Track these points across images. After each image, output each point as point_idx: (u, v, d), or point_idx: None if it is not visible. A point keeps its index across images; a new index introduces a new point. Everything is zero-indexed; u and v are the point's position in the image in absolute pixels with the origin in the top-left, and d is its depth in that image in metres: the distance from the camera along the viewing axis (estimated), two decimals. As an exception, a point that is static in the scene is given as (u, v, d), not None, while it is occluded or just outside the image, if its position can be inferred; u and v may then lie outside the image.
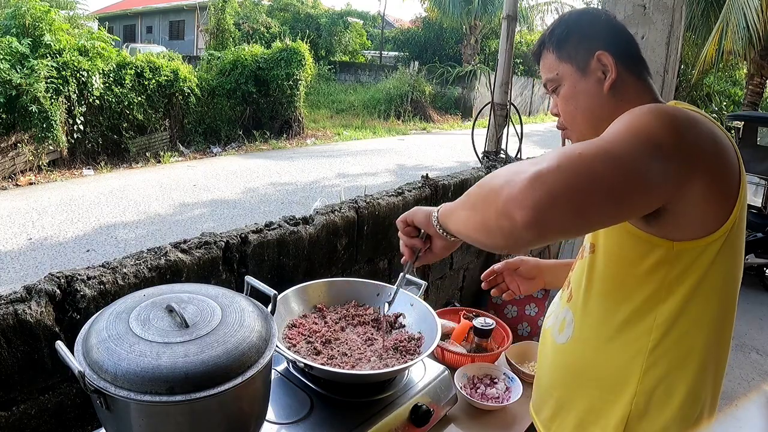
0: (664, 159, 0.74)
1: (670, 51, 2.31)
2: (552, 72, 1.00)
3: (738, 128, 6.12)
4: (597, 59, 0.94)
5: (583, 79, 0.96)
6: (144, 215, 6.59)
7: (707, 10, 10.62)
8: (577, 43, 0.97)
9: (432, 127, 15.77)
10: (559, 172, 0.68)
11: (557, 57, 0.99)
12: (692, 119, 0.80)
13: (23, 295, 1.09)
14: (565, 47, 0.98)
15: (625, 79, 0.94)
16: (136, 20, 25.83)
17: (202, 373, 0.84)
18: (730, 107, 14.00)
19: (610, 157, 0.71)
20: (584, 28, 0.98)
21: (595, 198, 0.70)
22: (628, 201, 0.73)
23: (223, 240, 1.44)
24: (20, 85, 7.53)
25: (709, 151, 0.79)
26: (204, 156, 10.48)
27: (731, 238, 0.84)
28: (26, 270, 4.90)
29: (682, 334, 0.88)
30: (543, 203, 0.67)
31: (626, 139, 0.74)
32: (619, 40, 0.97)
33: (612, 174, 0.70)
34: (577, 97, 0.97)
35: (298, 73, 11.69)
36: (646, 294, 0.88)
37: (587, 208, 0.70)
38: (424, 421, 1.22)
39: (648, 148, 0.73)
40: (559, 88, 1.00)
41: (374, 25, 25.47)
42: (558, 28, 1.00)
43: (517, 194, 0.68)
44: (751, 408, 0.68)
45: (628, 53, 0.96)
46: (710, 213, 0.82)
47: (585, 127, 0.99)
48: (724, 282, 0.88)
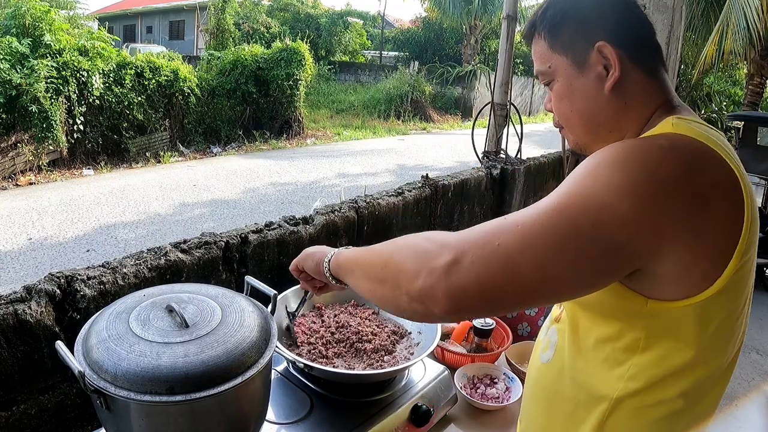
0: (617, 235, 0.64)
1: (670, 51, 2.32)
2: (544, 64, 0.85)
3: (738, 128, 6.12)
4: (597, 51, 0.78)
5: (581, 75, 0.81)
6: (144, 215, 6.58)
7: (707, 10, 10.62)
8: (573, 30, 0.80)
9: (432, 127, 15.77)
10: (473, 267, 0.65)
11: (550, 46, 0.83)
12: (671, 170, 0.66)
13: (23, 295, 1.09)
14: (559, 35, 0.82)
15: (631, 76, 0.79)
16: (136, 20, 25.82)
17: (202, 373, 0.84)
18: (730, 107, 14.00)
19: (533, 253, 0.64)
20: (583, 11, 0.81)
21: (510, 297, 0.66)
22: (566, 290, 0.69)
23: (223, 240, 1.44)
24: (20, 85, 7.53)
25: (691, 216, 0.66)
26: (204, 156, 10.48)
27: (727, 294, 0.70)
28: (26, 270, 4.90)
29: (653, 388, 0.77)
30: (456, 300, 0.66)
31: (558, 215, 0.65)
32: (628, 25, 0.80)
33: (533, 275, 0.64)
34: (572, 96, 0.83)
35: (298, 73, 11.69)
36: (622, 340, 0.78)
37: (504, 305, 0.69)
38: (424, 421, 1.22)
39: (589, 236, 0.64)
40: (553, 82, 0.85)
41: (374, 25, 25.48)
42: (551, 9, 0.84)
43: (430, 289, 0.67)
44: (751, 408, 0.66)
45: (638, 42, 0.80)
46: (692, 276, 0.69)
47: (581, 130, 0.86)
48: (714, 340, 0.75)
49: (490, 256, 0.65)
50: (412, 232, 1.75)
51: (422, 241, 0.73)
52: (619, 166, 0.66)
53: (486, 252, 0.65)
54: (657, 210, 0.65)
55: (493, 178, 2.76)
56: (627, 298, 0.74)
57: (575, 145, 0.90)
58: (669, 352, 0.75)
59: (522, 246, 0.65)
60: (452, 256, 0.66)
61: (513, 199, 2.93)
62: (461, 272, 0.65)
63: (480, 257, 0.65)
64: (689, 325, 0.72)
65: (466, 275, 0.65)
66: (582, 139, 0.88)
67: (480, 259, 0.65)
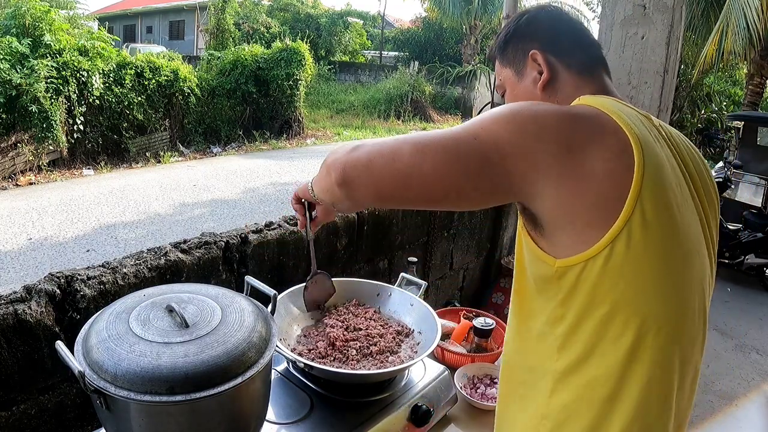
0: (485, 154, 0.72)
1: (670, 51, 2.31)
2: (498, 78, 1.00)
3: (738, 128, 6.13)
4: (531, 59, 0.92)
5: (520, 81, 0.95)
6: (144, 215, 6.58)
7: (707, 10, 10.62)
8: (514, 46, 0.95)
9: (432, 127, 15.76)
10: (365, 148, 0.79)
11: (500, 63, 0.99)
12: (541, 109, 0.75)
13: (23, 295, 1.09)
14: (505, 52, 0.97)
15: (562, 76, 0.90)
16: (136, 20, 25.82)
17: (202, 373, 0.84)
18: (730, 107, 13.99)
19: (416, 144, 0.75)
20: (520, 30, 0.95)
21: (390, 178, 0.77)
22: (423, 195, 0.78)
23: (223, 240, 1.44)
24: (20, 85, 7.53)
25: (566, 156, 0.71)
26: (204, 156, 10.48)
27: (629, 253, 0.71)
28: (26, 270, 4.90)
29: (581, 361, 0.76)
30: (349, 168, 0.80)
31: (451, 131, 0.76)
32: (559, 36, 0.93)
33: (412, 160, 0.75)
34: (516, 100, 0.95)
35: (298, 73, 11.69)
36: (545, 312, 0.80)
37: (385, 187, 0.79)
38: (424, 421, 1.22)
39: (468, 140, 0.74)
40: (505, 92, 0.99)
41: (374, 25, 25.47)
42: (501, 33, 0.99)
43: (340, 158, 0.82)
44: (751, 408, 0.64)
45: (571, 50, 0.92)
46: (582, 224, 0.72)
47: None
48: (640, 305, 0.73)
49: (384, 143, 0.79)
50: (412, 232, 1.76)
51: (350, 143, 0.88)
52: (512, 107, 0.77)
53: (382, 142, 0.80)
54: (531, 141, 0.72)
55: (493, 178, 2.76)
56: (541, 260, 0.79)
57: None
58: (584, 315, 0.75)
59: (411, 139, 0.77)
60: (359, 143, 0.82)
61: (513, 199, 2.93)
62: (358, 151, 0.80)
63: (376, 143, 0.80)
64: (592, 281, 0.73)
65: (360, 154, 0.79)
66: None
67: (376, 145, 0.79)
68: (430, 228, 2.30)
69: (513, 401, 0.91)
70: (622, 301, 0.73)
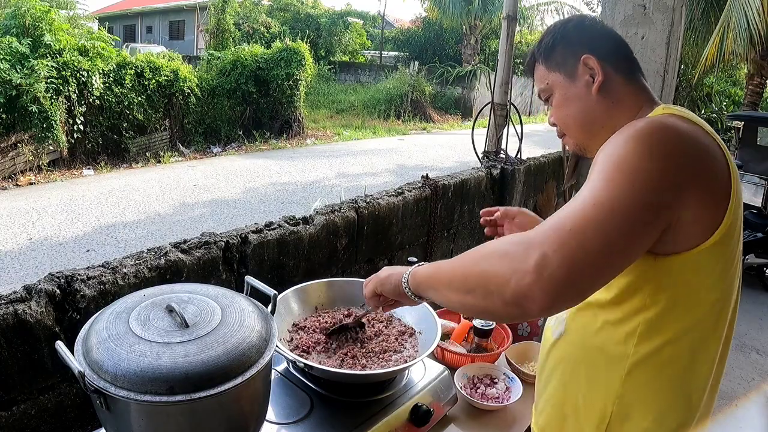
0: (654, 194, 0.76)
1: (670, 51, 2.32)
2: (543, 82, 1.03)
3: (738, 128, 6.12)
4: (583, 63, 0.95)
5: (572, 84, 0.98)
6: (144, 215, 6.58)
7: (707, 10, 10.62)
8: (563, 50, 0.99)
9: (432, 127, 15.76)
10: (559, 258, 0.70)
11: (546, 67, 1.01)
12: (674, 136, 0.80)
13: (23, 295, 1.09)
14: (552, 56, 1.00)
15: (613, 80, 0.95)
16: (136, 20, 25.82)
17: (202, 373, 0.84)
18: (730, 107, 13.99)
19: (600, 225, 0.73)
20: (569, 35, 0.99)
21: (598, 270, 0.73)
22: (630, 254, 0.77)
23: (223, 240, 1.44)
24: (20, 85, 7.53)
25: (697, 167, 0.80)
26: (204, 156, 10.48)
27: (721, 247, 0.83)
28: (26, 270, 4.90)
29: (665, 343, 0.87)
30: (554, 293, 0.70)
31: (610, 193, 0.75)
32: (606, 42, 0.98)
33: (606, 242, 0.72)
34: (568, 103, 0.99)
35: (298, 73, 11.69)
36: (630, 300, 0.88)
37: (595, 281, 0.74)
38: (424, 421, 1.22)
39: (634, 194, 0.75)
40: (552, 97, 1.02)
41: (374, 25, 25.46)
42: (545, 38, 1.02)
43: (526, 289, 0.71)
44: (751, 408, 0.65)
45: (616, 54, 0.97)
46: (699, 225, 0.81)
47: (579, 132, 1.01)
48: (713, 291, 0.87)
49: (566, 241, 0.72)
50: (412, 232, 1.76)
51: (503, 245, 0.78)
52: (634, 139, 0.80)
53: (562, 239, 0.72)
54: (674, 164, 0.78)
55: (493, 178, 2.76)
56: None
57: (576, 148, 1.05)
58: (675, 304, 0.85)
59: (586, 223, 0.73)
60: (539, 253, 0.71)
61: (513, 199, 2.93)
62: (549, 265, 0.70)
63: (559, 245, 0.71)
64: (690, 274, 0.83)
65: (553, 266, 0.70)
66: (580, 140, 1.03)
67: (560, 247, 0.71)
68: (430, 228, 2.30)
69: (574, 380, 0.98)
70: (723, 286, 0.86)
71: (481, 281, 0.77)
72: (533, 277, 0.70)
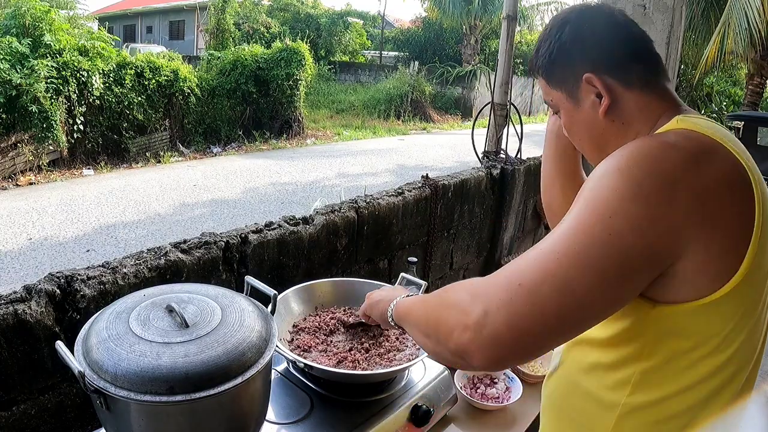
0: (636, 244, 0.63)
1: (670, 51, 2.31)
2: (547, 96, 0.92)
3: (738, 128, 6.12)
4: (586, 83, 0.81)
5: (577, 107, 0.85)
6: (144, 215, 6.58)
7: (707, 10, 10.62)
8: (562, 68, 0.85)
9: (432, 127, 15.76)
10: (502, 316, 0.63)
11: (547, 83, 0.89)
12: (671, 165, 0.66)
13: (23, 295, 1.09)
14: (552, 73, 0.87)
15: (625, 97, 0.81)
16: (136, 20, 25.82)
17: (202, 373, 0.84)
18: (730, 107, 13.99)
19: (560, 281, 0.63)
20: (566, 48, 0.83)
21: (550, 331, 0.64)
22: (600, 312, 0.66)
23: (223, 240, 1.44)
24: (20, 85, 7.53)
25: (704, 207, 0.65)
26: (204, 156, 10.48)
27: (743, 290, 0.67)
28: (26, 270, 4.90)
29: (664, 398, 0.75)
30: (491, 352, 0.64)
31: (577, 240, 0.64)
32: (612, 49, 0.81)
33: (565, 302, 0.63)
34: (575, 126, 0.88)
35: (298, 73, 11.69)
36: (626, 346, 0.76)
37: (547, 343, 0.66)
38: (424, 421, 1.22)
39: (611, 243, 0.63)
40: (559, 113, 0.91)
41: (374, 25, 25.46)
42: (541, 49, 0.88)
43: (465, 345, 0.66)
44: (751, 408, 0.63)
45: (626, 62, 0.81)
46: (707, 274, 0.67)
47: (594, 154, 0.89)
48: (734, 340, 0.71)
49: (514, 297, 0.64)
50: (412, 232, 1.75)
51: (458, 293, 0.73)
52: (621, 171, 0.67)
53: (510, 294, 0.64)
54: (667, 206, 0.64)
55: (493, 178, 2.76)
56: (632, 303, 0.71)
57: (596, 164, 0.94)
58: (674, 356, 0.73)
59: (543, 277, 0.63)
60: (481, 309, 0.65)
61: (513, 199, 2.92)
62: (490, 323, 0.64)
63: (505, 301, 0.64)
64: (699, 325, 0.70)
65: (495, 325, 0.64)
66: (597, 160, 0.88)
67: (505, 304, 0.64)
68: (430, 228, 2.30)
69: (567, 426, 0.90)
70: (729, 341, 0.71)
71: (435, 328, 0.75)
72: (471, 334, 0.65)
